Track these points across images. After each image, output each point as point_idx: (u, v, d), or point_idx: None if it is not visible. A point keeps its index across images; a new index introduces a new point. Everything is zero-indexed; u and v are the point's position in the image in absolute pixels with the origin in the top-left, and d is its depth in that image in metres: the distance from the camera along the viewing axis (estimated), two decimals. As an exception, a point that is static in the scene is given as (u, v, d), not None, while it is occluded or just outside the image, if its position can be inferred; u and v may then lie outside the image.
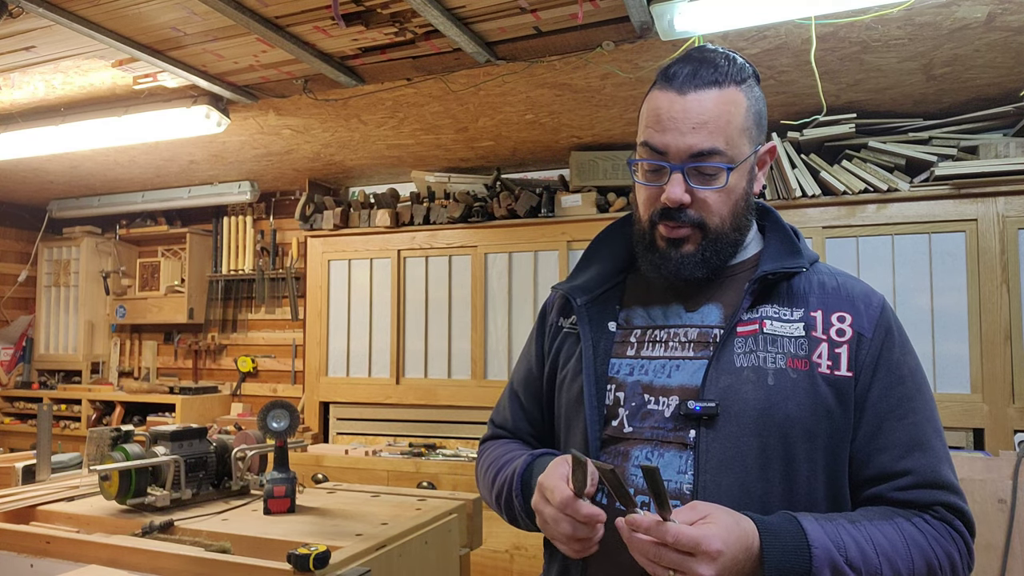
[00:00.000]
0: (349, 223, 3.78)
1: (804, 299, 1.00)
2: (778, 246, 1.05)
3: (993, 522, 2.35)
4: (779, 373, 0.95)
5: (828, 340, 0.97)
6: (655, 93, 1.00)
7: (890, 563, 0.86)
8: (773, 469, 0.93)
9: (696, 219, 0.99)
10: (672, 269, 1.01)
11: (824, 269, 1.05)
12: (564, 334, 1.13)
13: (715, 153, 0.95)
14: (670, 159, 0.97)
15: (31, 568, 1.66)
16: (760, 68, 2.40)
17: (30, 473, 2.28)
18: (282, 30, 2.15)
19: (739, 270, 1.05)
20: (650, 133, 0.99)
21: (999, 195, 2.65)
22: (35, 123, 2.92)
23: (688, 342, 1.01)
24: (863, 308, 1.00)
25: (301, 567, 1.41)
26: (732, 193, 0.99)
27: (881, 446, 0.95)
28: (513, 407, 1.22)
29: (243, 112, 2.84)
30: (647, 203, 1.02)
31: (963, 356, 2.68)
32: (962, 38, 2.16)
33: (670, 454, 0.96)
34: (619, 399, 1.01)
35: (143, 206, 4.37)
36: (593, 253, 1.17)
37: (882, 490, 0.94)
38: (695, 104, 0.96)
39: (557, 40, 2.21)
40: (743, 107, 0.98)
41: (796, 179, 2.86)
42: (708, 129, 0.95)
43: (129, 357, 4.70)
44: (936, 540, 0.90)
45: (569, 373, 1.08)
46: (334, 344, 3.79)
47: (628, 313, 1.08)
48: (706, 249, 1.00)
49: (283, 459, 1.97)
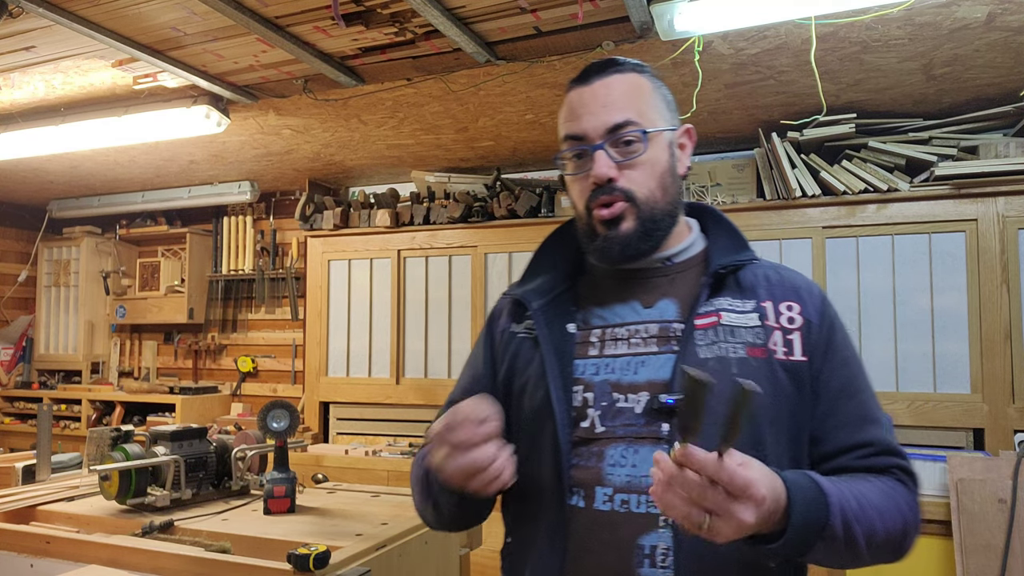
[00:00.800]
0: (349, 223, 3.78)
1: (753, 291, 1.04)
2: (726, 241, 1.10)
3: (993, 522, 2.35)
4: (742, 362, 0.98)
5: (781, 328, 1.01)
6: (565, 98, 1.07)
7: (880, 516, 0.92)
8: (745, 454, 0.94)
9: (626, 190, 1.02)
10: (617, 249, 1.03)
11: (765, 263, 1.10)
12: (519, 339, 1.10)
13: (629, 123, 1.01)
14: (589, 140, 1.02)
15: (31, 568, 1.66)
16: (760, 68, 2.40)
17: (30, 473, 2.28)
18: (282, 30, 2.15)
19: (687, 266, 1.08)
20: (567, 125, 1.05)
21: (999, 195, 2.65)
22: (35, 123, 2.92)
23: (650, 337, 1.02)
24: (807, 297, 1.05)
25: (301, 567, 1.41)
26: (656, 165, 1.03)
27: (838, 423, 1.00)
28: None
29: (243, 112, 2.84)
30: (580, 194, 1.06)
31: (963, 356, 2.68)
32: (962, 38, 2.16)
33: (645, 450, 0.96)
34: (587, 400, 1.01)
35: (143, 206, 4.37)
36: (540, 259, 1.17)
37: (844, 461, 1.00)
38: (601, 88, 1.03)
39: (557, 40, 2.21)
40: (647, 87, 1.06)
41: (796, 179, 2.86)
42: (618, 105, 1.02)
43: (129, 357, 4.70)
44: (900, 494, 0.97)
45: (531, 378, 1.05)
46: (334, 344, 3.79)
47: (585, 314, 1.08)
48: (644, 221, 1.03)
49: (283, 459, 1.97)
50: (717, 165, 3.07)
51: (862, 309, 2.82)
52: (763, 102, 2.73)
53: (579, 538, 0.96)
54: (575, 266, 1.14)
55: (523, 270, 1.18)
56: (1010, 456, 2.42)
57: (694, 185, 3.09)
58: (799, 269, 2.59)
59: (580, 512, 0.97)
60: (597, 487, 0.96)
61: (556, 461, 0.98)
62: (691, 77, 2.45)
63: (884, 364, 2.78)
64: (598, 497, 0.96)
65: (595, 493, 0.97)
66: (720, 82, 2.52)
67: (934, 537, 2.45)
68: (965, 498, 2.38)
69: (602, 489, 0.96)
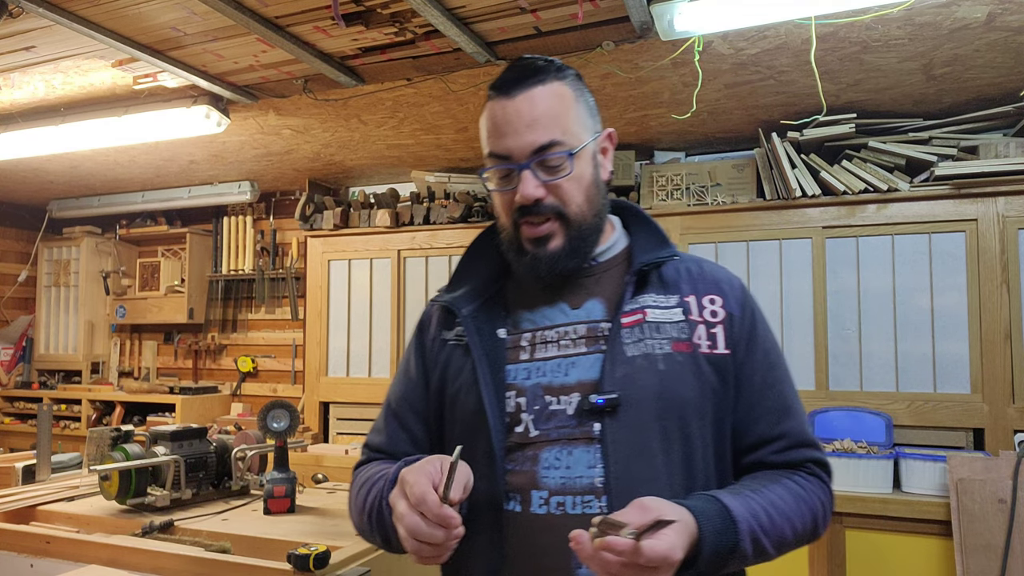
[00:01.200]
0: (349, 223, 3.78)
1: (677, 286, 1.06)
2: (648, 238, 1.11)
3: (993, 522, 2.35)
4: (668, 358, 1.00)
5: (704, 322, 1.04)
6: (487, 107, 1.05)
7: (789, 523, 0.96)
8: (674, 450, 0.98)
9: (554, 208, 1.02)
10: (545, 268, 1.04)
11: (686, 257, 1.12)
12: (450, 347, 1.10)
13: (554, 144, 1.00)
14: (515, 160, 1.01)
15: (31, 568, 1.66)
16: (760, 68, 2.40)
17: (30, 473, 2.28)
18: (282, 30, 2.15)
19: (612, 265, 1.10)
20: (492, 142, 1.03)
21: (999, 195, 2.65)
22: (35, 123, 2.92)
23: (579, 338, 1.03)
24: (728, 290, 1.07)
25: (301, 567, 1.41)
26: (581, 180, 1.03)
27: (758, 415, 1.04)
28: (392, 428, 1.15)
29: (243, 112, 2.84)
30: (506, 208, 1.05)
31: (963, 356, 2.68)
32: (962, 38, 2.16)
33: (579, 450, 0.97)
34: (520, 404, 1.01)
35: (143, 206, 4.37)
36: (467, 264, 1.16)
37: (761, 455, 1.04)
38: (524, 104, 1.00)
39: (557, 40, 2.21)
40: (570, 97, 1.03)
41: (796, 179, 2.86)
42: (542, 123, 1.00)
43: (129, 357, 4.70)
44: (812, 492, 1.01)
45: (463, 385, 1.05)
46: (334, 344, 3.79)
47: (514, 318, 1.08)
48: (572, 239, 1.03)
49: (283, 459, 1.97)
50: (717, 165, 3.07)
51: (862, 309, 2.82)
52: (763, 102, 2.73)
53: (517, 543, 0.97)
54: (502, 269, 1.14)
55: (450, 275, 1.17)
56: (1010, 456, 2.42)
57: (694, 185, 3.09)
58: (799, 269, 2.61)
59: (517, 517, 0.97)
60: (533, 491, 0.97)
61: (491, 468, 0.98)
62: (691, 77, 2.45)
63: (884, 364, 2.78)
64: (534, 501, 0.97)
65: (531, 497, 0.97)
66: (720, 82, 2.52)
67: (934, 537, 2.45)
68: (965, 498, 2.39)
69: (538, 493, 0.97)
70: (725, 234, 3.01)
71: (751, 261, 2.99)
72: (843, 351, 2.84)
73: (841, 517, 2.56)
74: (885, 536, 2.51)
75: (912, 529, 2.48)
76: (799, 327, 2.90)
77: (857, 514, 2.53)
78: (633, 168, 3.24)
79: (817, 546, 2.55)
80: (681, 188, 3.12)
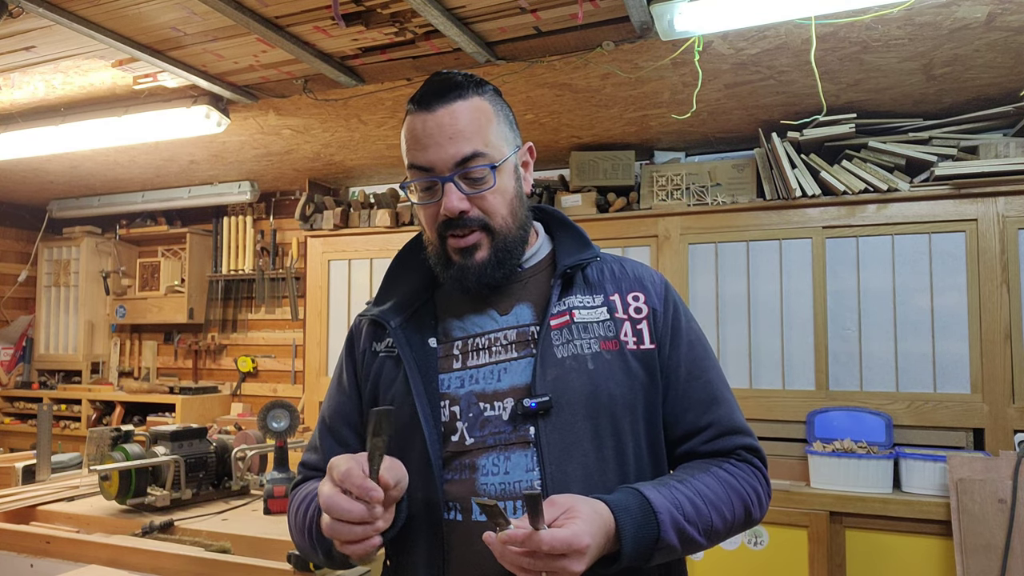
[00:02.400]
0: (349, 223, 3.78)
1: (601, 285, 1.09)
2: (571, 241, 1.13)
3: (993, 522, 2.35)
4: (596, 357, 1.02)
5: (629, 319, 1.06)
6: (408, 120, 1.05)
7: (717, 510, 0.97)
8: (607, 447, 1.00)
9: (479, 220, 1.02)
10: (473, 279, 1.04)
11: (608, 257, 1.14)
12: (381, 359, 1.10)
13: (477, 155, 1.00)
14: (438, 172, 1.01)
15: (31, 568, 1.66)
16: (760, 68, 2.40)
17: (30, 473, 2.28)
18: (282, 30, 2.15)
19: (538, 270, 1.11)
20: (413, 155, 1.03)
21: (999, 195, 2.65)
22: (35, 123, 2.92)
23: (510, 343, 1.04)
24: (650, 287, 1.10)
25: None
26: (505, 193, 1.04)
27: (686, 406, 1.06)
28: (327, 444, 1.14)
29: (243, 112, 2.84)
30: (430, 220, 1.05)
31: (963, 356, 2.68)
32: (962, 38, 2.16)
33: (516, 455, 0.98)
34: (455, 413, 1.01)
35: (143, 206, 4.37)
36: (394, 276, 1.16)
37: (692, 445, 1.06)
38: (446, 117, 1.01)
39: (557, 40, 2.21)
40: (490, 112, 1.04)
41: (796, 179, 2.86)
42: (464, 136, 1.00)
43: (129, 357, 4.70)
44: (744, 479, 1.03)
45: (396, 396, 1.05)
46: (334, 344, 3.79)
47: (444, 327, 1.09)
48: (498, 251, 1.04)
49: (283, 459, 1.97)
50: (717, 165, 3.07)
51: (862, 309, 2.82)
52: (763, 102, 2.73)
53: (459, 552, 0.97)
54: (430, 280, 1.14)
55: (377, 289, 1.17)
56: (1010, 456, 2.42)
57: (694, 185, 3.09)
58: (799, 269, 2.62)
59: (459, 526, 0.97)
60: (473, 498, 0.96)
61: (429, 478, 0.98)
62: (691, 77, 2.45)
63: (884, 364, 2.78)
64: (475, 509, 0.97)
65: (471, 505, 0.97)
66: (720, 82, 2.52)
67: (934, 537, 2.45)
68: (965, 498, 2.39)
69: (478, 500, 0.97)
70: (725, 234, 3.01)
71: (751, 261, 2.99)
72: (843, 351, 2.84)
73: (841, 517, 2.56)
74: (885, 536, 2.51)
75: (912, 529, 2.48)
76: (799, 327, 2.90)
77: (857, 514, 2.53)
78: (633, 168, 3.24)
79: (817, 546, 2.55)
80: (681, 188, 3.12)
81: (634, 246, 3.16)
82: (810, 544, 2.57)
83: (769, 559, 2.60)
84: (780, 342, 2.92)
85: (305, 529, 1.03)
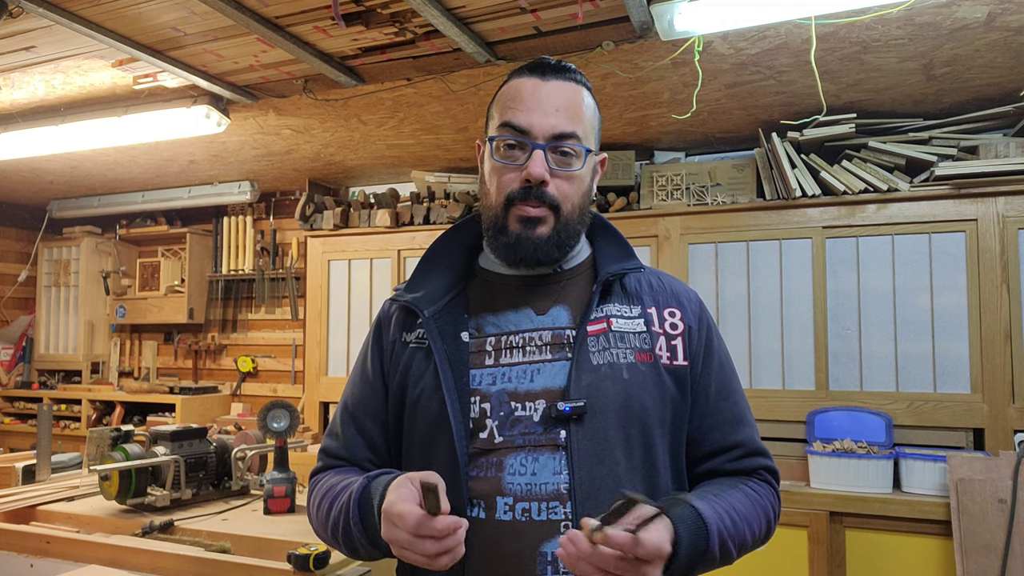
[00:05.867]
0: (349, 223, 3.78)
1: (639, 297, 1.09)
2: (614, 249, 1.13)
3: (993, 522, 2.35)
4: (631, 367, 1.01)
5: (665, 333, 1.06)
6: (516, 81, 1.05)
7: (748, 526, 0.99)
8: (636, 457, 1.00)
9: (552, 199, 1.01)
10: (530, 249, 1.02)
11: (648, 270, 1.14)
12: (411, 350, 1.07)
13: (574, 136, 1.01)
14: (533, 137, 1.00)
15: (31, 568, 1.66)
16: (760, 68, 2.40)
17: (30, 473, 2.28)
18: (282, 30, 2.15)
19: (577, 272, 1.10)
20: (513, 113, 1.02)
21: (999, 195, 2.65)
22: (35, 123, 2.92)
23: (544, 345, 1.03)
24: (687, 304, 1.11)
25: (301, 567, 1.41)
26: (582, 183, 1.05)
27: (713, 425, 1.07)
28: (349, 433, 1.12)
29: (243, 112, 2.84)
30: (503, 184, 1.03)
31: (963, 356, 2.68)
32: (962, 38, 2.16)
33: (544, 457, 0.97)
34: (485, 410, 1.00)
35: (143, 206, 4.37)
36: (428, 264, 1.14)
37: (718, 463, 1.07)
38: (557, 90, 1.02)
39: (557, 40, 2.21)
40: (592, 107, 1.07)
41: (796, 179, 2.86)
42: (568, 114, 1.01)
43: (129, 357, 4.70)
44: (766, 496, 1.06)
45: (425, 390, 1.03)
46: (334, 344, 3.79)
47: (478, 321, 1.06)
48: (560, 232, 1.03)
49: (283, 459, 1.97)
50: (717, 165, 3.07)
51: (862, 309, 2.82)
52: (763, 102, 2.73)
53: (480, 550, 0.96)
54: (465, 271, 1.13)
55: (411, 272, 1.16)
56: (1010, 456, 2.42)
57: (694, 185, 3.09)
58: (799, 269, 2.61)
59: (481, 524, 0.96)
60: (498, 497, 0.96)
61: (454, 474, 0.97)
62: (691, 77, 2.45)
63: (884, 364, 2.78)
64: (499, 507, 0.96)
65: (496, 503, 0.96)
66: (720, 82, 2.52)
67: (934, 537, 2.45)
68: (965, 498, 2.39)
69: (503, 499, 0.96)
70: (725, 234, 3.01)
71: (751, 261, 2.99)
72: (843, 351, 2.84)
73: (841, 517, 2.56)
74: (885, 536, 2.51)
75: (912, 529, 2.48)
76: (799, 327, 2.90)
77: (857, 514, 2.53)
78: (633, 168, 3.24)
79: (817, 546, 2.55)
80: (681, 188, 3.12)
81: (634, 246, 3.11)
82: (810, 544, 2.57)
83: (769, 559, 2.60)
84: (780, 342, 2.92)
85: (329, 527, 1.03)
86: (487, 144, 1.06)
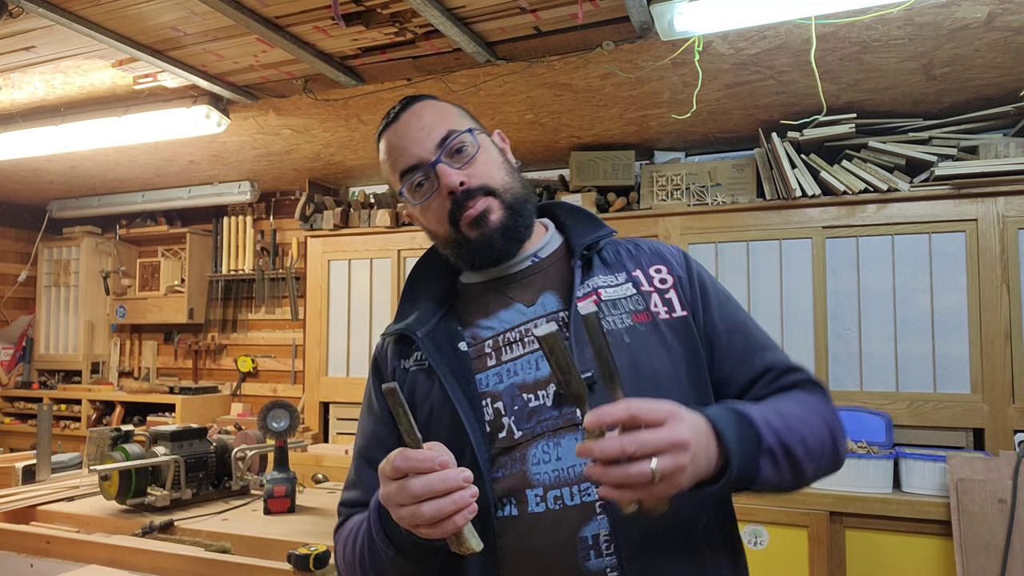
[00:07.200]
0: (349, 223, 3.78)
1: (620, 264, 1.09)
2: (583, 225, 1.13)
3: (993, 522, 2.35)
4: (631, 331, 1.00)
5: (656, 290, 1.05)
6: (383, 141, 1.10)
7: (804, 423, 0.93)
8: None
9: (481, 187, 1.04)
10: (498, 239, 1.04)
11: (621, 240, 1.15)
12: (412, 373, 1.06)
13: (451, 132, 1.04)
14: (424, 163, 1.04)
15: (31, 568, 1.66)
16: (760, 68, 2.40)
17: (30, 473, 2.28)
18: (282, 30, 2.15)
19: (555, 258, 1.12)
20: (398, 162, 1.07)
21: (999, 195, 2.65)
22: (35, 123, 2.92)
23: None
24: (671, 258, 1.10)
25: (301, 567, 1.41)
26: (492, 157, 1.07)
27: (735, 362, 1.03)
28: (365, 475, 1.07)
29: (243, 112, 2.84)
30: (437, 213, 1.06)
31: (963, 356, 2.68)
32: (962, 38, 2.16)
33: (566, 439, 0.96)
34: (499, 410, 0.99)
35: (143, 206, 4.37)
36: (412, 291, 1.15)
37: (752, 393, 1.02)
38: (411, 118, 1.07)
39: (557, 40, 2.21)
40: (447, 105, 1.11)
41: (796, 179, 2.86)
42: (433, 123, 1.06)
43: (129, 357, 4.70)
44: (818, 402, 0.99)
45: (434, 406, 1.01)
46: (334, 344, 3.79)
47: (472, 330, 1.07)
48: (509, 208, 1.05)
49: (283, 459, 1.97)
50: (717, 165, 3.07)
51: (862, 309, 2.82)
52: (763, 102, 2.73)
53: (516, 548, 0.93)
54: (449, 289, 1.14)
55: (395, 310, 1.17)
56: (1010, 456, 2.42)
57: (694, 185, 3.09)
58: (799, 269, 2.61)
59: (515, 521, 0.94)
60: (527, 490, 0.94)
61: (478, 481, 0.92)
62: (691, 77, 2.45)
63: (884, 364, 2.78)
64: (531, 501, 0.94)
65: (527, 497, 0.94)
66: (720, 82, 2.52)
67: (934, 537, 2.45)
68: (965, 498, 2.38)
69: (532, 491, 0.95)
70: (725, 234, 3.01)
71: (751, 261, 2.99)
72: (843, 351, 2.84)
73: (841, 517, 2.56)
74: (885, 536, 2.51)
75: (912, 529, 2.48)
76: (799, 327, 2.90)
77: (857, 514, 2.53)
78: (633, 168, 3.24)
79: (817, 546, 2.55)
80: (681, 188, 3.12)
81: (634, 246, 3.16)
82: (810, 544, 2.57)
83: (769, 559, 2.60)
84: (780, 342, 2.92)
85: (357, 560, 0.98)
86: (404, 201, 1.09)
